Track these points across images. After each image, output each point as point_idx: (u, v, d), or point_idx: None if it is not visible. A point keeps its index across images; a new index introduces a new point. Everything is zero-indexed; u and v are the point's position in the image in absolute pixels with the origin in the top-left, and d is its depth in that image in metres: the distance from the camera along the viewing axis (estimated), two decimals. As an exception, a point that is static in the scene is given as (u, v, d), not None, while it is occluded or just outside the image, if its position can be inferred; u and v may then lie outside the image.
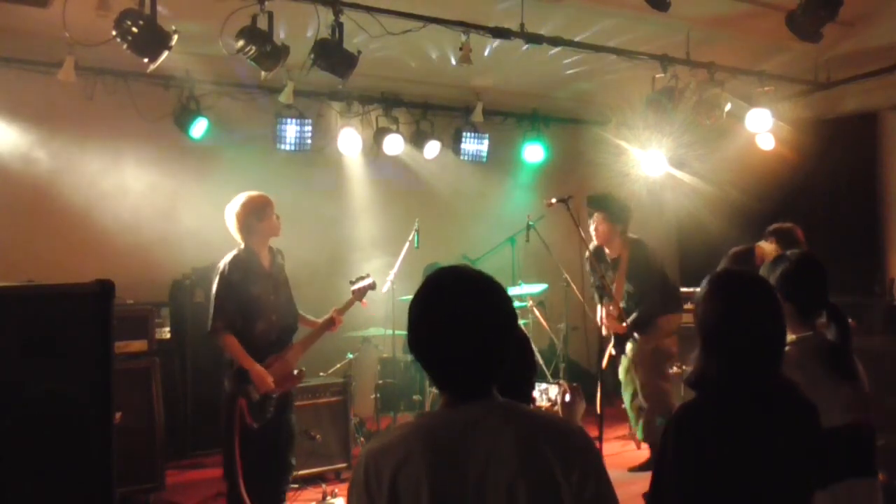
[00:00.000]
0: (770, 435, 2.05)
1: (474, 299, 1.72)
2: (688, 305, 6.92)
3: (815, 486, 2.13)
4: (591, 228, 6.14)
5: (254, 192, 4.71)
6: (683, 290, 7.42)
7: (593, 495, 1.67)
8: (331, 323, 4.90)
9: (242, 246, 4.65)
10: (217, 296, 4.51)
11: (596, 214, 6.11)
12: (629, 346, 6.06)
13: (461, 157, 8.11)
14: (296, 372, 4.73)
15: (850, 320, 2.60)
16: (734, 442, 2.04)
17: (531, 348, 2.39)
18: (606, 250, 6.14)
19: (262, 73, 4.92)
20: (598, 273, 5.94)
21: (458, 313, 1.70)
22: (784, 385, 2.13)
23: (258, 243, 4.68)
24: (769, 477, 2.02)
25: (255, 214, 4.61)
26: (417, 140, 7.82)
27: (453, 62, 6.24)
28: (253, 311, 4.57)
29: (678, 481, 2.04)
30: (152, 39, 4.54)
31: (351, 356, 6.69)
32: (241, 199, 4.65)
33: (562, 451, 1.67)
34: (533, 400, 2.32)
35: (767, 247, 5.18)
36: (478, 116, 7.92)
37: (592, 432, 6.08)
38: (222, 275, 4.54)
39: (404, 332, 7.36)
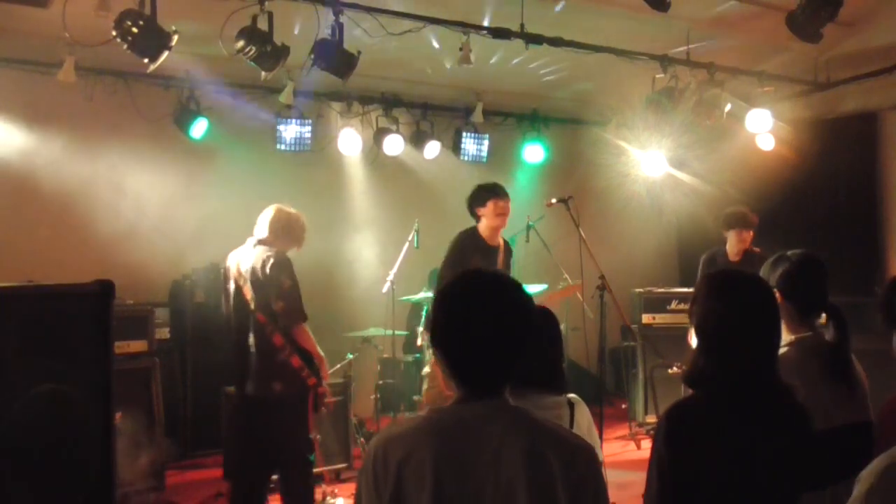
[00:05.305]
0: (761, 435, 2.06)
1: (493, 299, 1.78)
2: (685, 305, 6.91)
3: (812, 488, 2.13)
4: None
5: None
6: (683, 290, 7.43)
7: None
8: None
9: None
10: (296, 286, 4.60)
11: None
12: None
13: (461, 158, 8.10)
14: None
15: None
16: (725, 441, 2.04)
17: (559, 329, 2.47)
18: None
19: (262, 73, 4.93)
20: None
21: (477, 311, 1.76)
22: (779, 387, 2.13)
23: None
24: (758, 477, 2.03)
25: None
26: (417, 140, 7.81)
27: (450, 63, 6.24)
28: None
29: (671, 480, 2.04)
30: (152, 39, 4.54)
31: (351, 356, 6.69)
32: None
33: (564, 461, 1.70)
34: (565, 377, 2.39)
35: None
36: (478, 117, 7.91)
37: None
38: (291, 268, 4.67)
39: (404, 333, 7.43)
